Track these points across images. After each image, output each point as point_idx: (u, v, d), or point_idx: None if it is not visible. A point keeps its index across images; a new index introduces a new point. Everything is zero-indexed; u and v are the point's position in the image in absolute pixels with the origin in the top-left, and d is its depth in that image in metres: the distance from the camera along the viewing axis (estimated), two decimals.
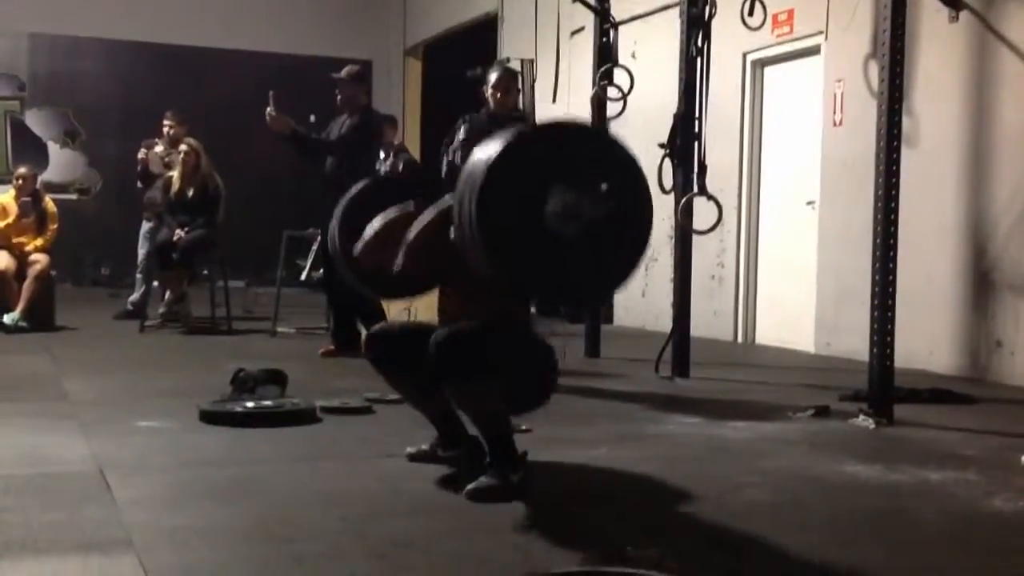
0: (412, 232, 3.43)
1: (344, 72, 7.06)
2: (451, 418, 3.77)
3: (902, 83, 5.00)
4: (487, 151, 2.97)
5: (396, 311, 7.55)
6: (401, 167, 9.76)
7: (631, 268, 3.18)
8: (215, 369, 5.84)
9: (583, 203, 2.98)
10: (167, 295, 8.71)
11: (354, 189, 4.15)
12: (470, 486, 3.37)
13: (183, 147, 8.59)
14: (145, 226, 9.28)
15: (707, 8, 6.08)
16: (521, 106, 6.10)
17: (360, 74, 7.18)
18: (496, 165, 2.92)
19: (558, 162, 3.02)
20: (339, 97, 7.05)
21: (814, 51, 7.80)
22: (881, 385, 4.83)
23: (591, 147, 3.20)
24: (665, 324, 6.30)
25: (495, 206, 2.92)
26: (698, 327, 6.83)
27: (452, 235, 3.15)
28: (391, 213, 3.63)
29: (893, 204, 4.87)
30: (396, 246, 3.46)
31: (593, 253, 3.05)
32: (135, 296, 9.12)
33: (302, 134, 7.04)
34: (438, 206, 3.44)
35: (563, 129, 3.22)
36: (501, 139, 3.00)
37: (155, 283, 8.90)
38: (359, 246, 3.64)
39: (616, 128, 5.69)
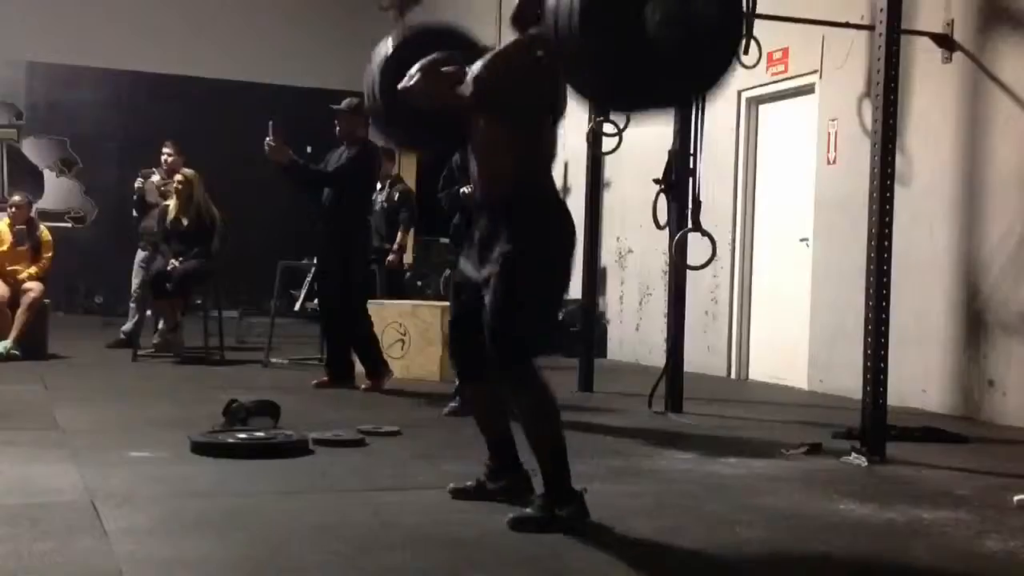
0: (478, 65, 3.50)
1: (343, 104, 7.11)
2: (508, 445, 3.75)
3: (895, 122, 5.04)
4: None
5: (390, 342, 7.57)
6: (396, 198, 9.81)
7: (722, 75, 3.38)
8: (208, 399, 5.83)
9: (685, 8, 3.16)
10: (160, 324, 8.70)
11: (390, 43, 4.24)
12: (512, 515, 3.38)
13: (178, 177, 8.61)
14: (140, 255, 9.28)
15: None
16: None
17: (359, 107, 7.21)
18: None
19: None
20: (338, 129, 7.09)
21: (809, 90, 7.85)
22: (874, 423, 4.84)
23: None
24: (659, 358, 6.31)
25: (595, 10, 3.07)
26: (692, 362, 6.84)
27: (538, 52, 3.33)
28: (439, 56, 3.67)
29: (886, 243, 4.89)
30: (443, 79, 3.54)
31: (688, 58, 3.23)
32: (128, 325, 9.10)
33: (301, 164, 7.07)
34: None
35: None
36: None
37: (149, 312, 8.89)
38: (406, 79, 3.64)
39: (612, 164, 5.73)
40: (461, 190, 5.82)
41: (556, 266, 3.55)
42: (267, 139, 6.79)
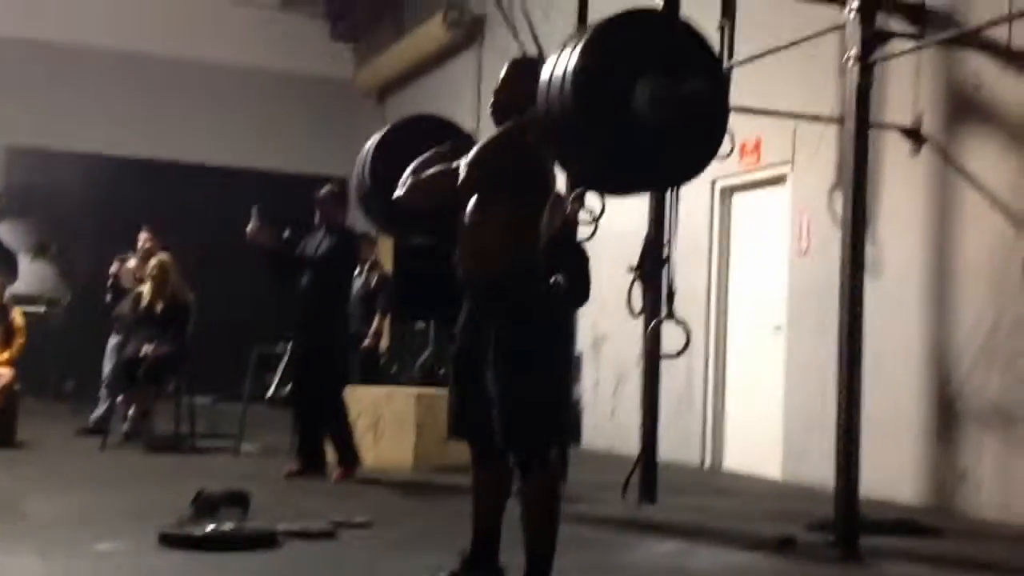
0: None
1: (323, 191, 7.18)
2: (496, 539, 3.70)
3: (865, 213, 5.11)
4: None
5: (363, 429, 7.50)
6: (374, 283, 9.82)
7: (708, 158, 3.46)
8: (177, 489, 5.73)
9: (674, 89, 3.22)
10: (131, 411, 8.60)
11: (385, 130, 4.29)
12: None
13: (153, 262, 8.60)
14: (113, 340, 9.22)
15: None
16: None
17: (338, 194, 7.28)
18: (591, 46, 3.19)
19: (648, 50, 3.30)
20: (317, 214, 7.11)
21: (781, 180, 7.96)
22: (847, 516, 4.81)
23: (678, 39, 3.47)
24: (633, 446, 6.28)
25: (587, 92, 3.17)
26: (666, 450, 6.81)
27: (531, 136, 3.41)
28: (431, 157, 3.76)
29: (857, 332, 4.93)
30: (435, 181, 3.63)
31: (676, 140, 3.31)
32: (99, 412, 9.00)
33: (285, 249, 7.07)
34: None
35: (652, 18, 3.39)
36: (585, 33, 3.27)
37: (119, 399, 8.79)
38: (403, 186, 3.72)
39: (588, 251, 5.80)
40: None
41: (558, 342, 3.56)
42: (251, 222, 6.78)
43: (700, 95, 3.28)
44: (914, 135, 6.69)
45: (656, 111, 3.23)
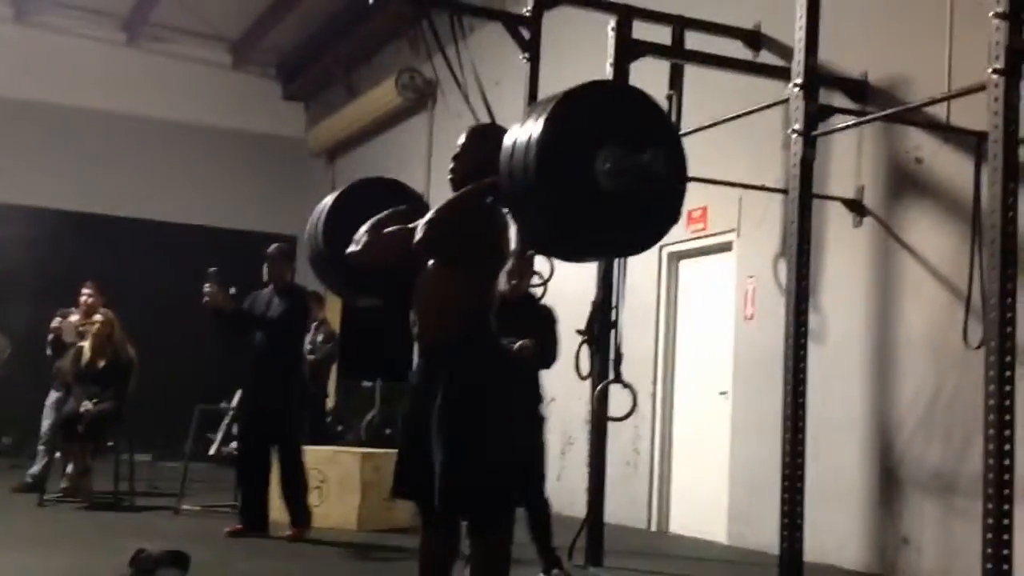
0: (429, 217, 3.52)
1: (273, 249, 7.21)
2: None
3: (808, 282, 5.23)
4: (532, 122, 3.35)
5: (312, 489, 7.42)
6: (319, 340, 9.80)
7: (667, 227, 3.57)
8: (115, 549, 5.63)
9: (634, 160, 3.33)
10: (69, 468, 8.44)
11: (339, 192, 4.32)
12: None
13: (97, 317, 8.50)
14: (52, 396, 9.06)
15: None
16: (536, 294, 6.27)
17: (288, 252, 7.33)
18: (554, 118, 3.30)
19: (609, 121, 3.42)
20: (266, 272, 7.13)
21: (727, 247, 8.08)
22: None
23: (638, 111, 3.58)
24: (580, 509, 6.29)
25: (551, 161, 3.27)
26: (613, 513, 6.81)
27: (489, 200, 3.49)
28: (388, 216, 3.76)
29: (801, 399, 5.01)
30: (389, 240, 3.64)
31: (635, 209, 3.42)
32: (36, 468, 8.81)
33: (243, 311, 7.03)
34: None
35: (612, 90, 3.43)
36: (549, 104, 3.38)
37: (58, 455, 8.63)
38: (357, 243, 3.72)
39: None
40: None
41: (511, 405, 3.55)
42: (207, 287, 6.74)
43: (659, 165, 3.38)
44: (856, 206, 6.85)
45: (616, 181, 3.32)
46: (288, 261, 7.24)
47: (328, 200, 4.31)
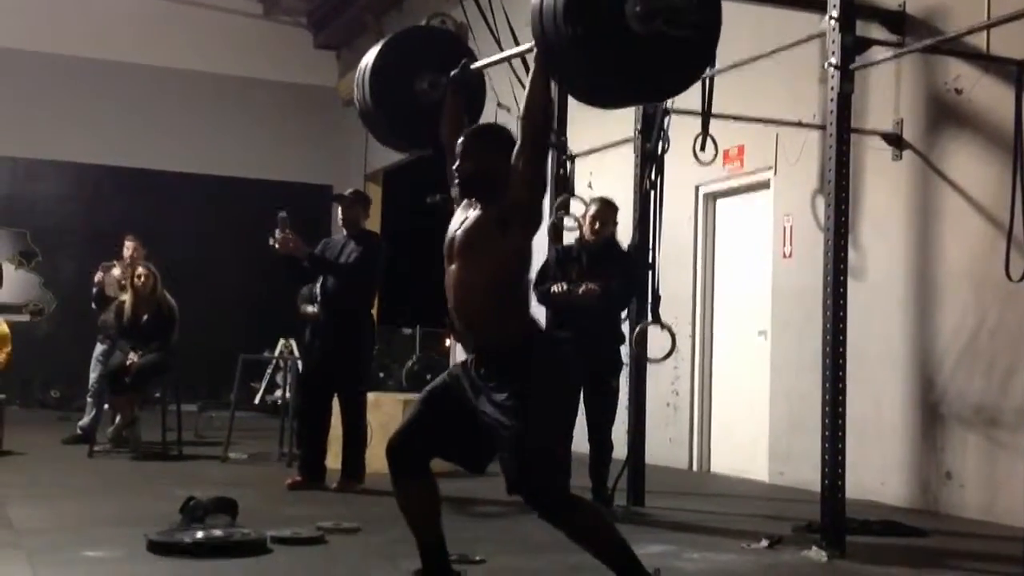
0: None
1: (347, 193, 7.13)
2: (441, 547, 3.70)
3: (847, 218, 5.16)
4: None
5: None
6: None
7: (699, 70, 3.72)
8: (165, 496, 5.75)
9: (665, 3, 3.42)
10: (117, 419, 8.59)
11: (381, 45, 4.52)
12: None
13: (140, 271, 8.59)
14: (98, 349, 9.21)
15: (660, 144, 6.26)
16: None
17: (361, 197, 7.24)
18: None
19: None
20: (341, 218, 7.02)
21: (764, 185, 8.02)
22: (832, 517, 4.85)
23: None
24: (621, 451, 6.32)
25: (582, 4, 3.38)
26: (653, 455, 6.84)
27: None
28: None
29: (841, 336, 4.97)
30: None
31: (668, 52, 3.49)
32: (85, 420, 8.98)
33: (317, 256, 6.85)
34: None
35: None
36: None
37: (106, 407, 8.79)
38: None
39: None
40: (552, 288, 5.94)
41: (562, 391, 3.60)
42: (277, 233, 6.54)
43: (690, 8, 3.44)
44: (895, 140, 6.76)
45: (648, 24, 3.38)
46: (362, 206, 7.09)
47: (372, 53, 4.44)
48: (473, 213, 3.63)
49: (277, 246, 6.56)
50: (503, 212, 3.56)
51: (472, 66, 4.28)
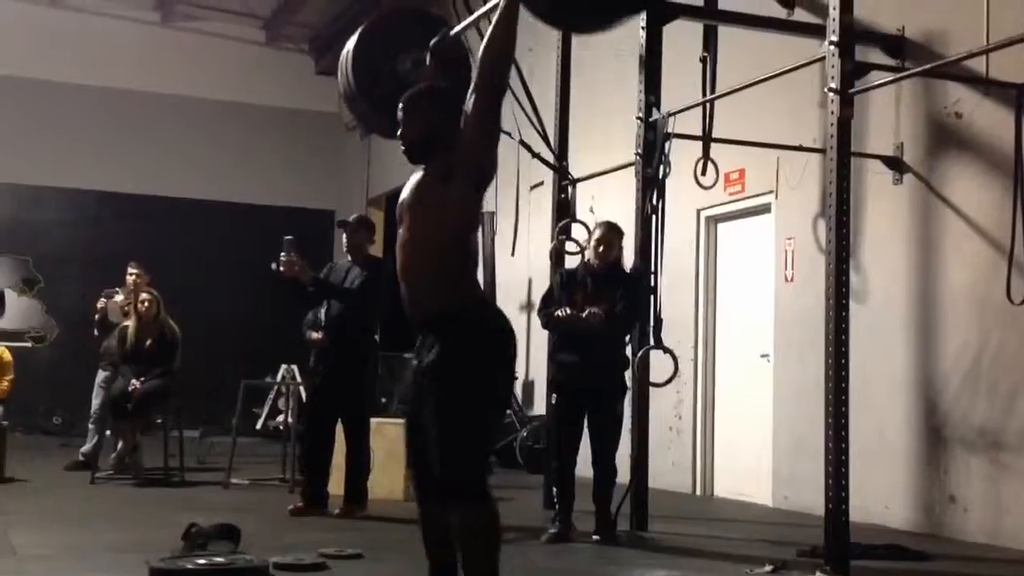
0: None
1: (352, 219, 7.14)
2: (451, 572, 3.61)
3: (849, 241, 5.17)
4: None
5: None
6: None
7: None
8: (167, 523, 5.73)
9: None
10: (120, 446, 8.58)
11: (361, 29, 4.43)
12: None
13: (143, 296, 8.60)
14: (101, 375, 9.20)
15: (661, 168, 6.28)
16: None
17: (368, 222, 7.25)
18: None
19: None
20: (345, 242, 7.01)
21: (765, 209, 8.03)
22: (836, 542, 4.84)
23: None
24: (624, 475, 6.30)
25: None
26: (657, 479, 6.84)
27: None
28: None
29: (843, 359, 4.98)
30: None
31: None
32: (87, 446, 8.97)
33: (322, 280, 6.85)
34: None
35: None
36: None
37: (108, 433, 8.77)
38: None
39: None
40: (556, 312, 5.95)
41: (490, 379, 3.48)
42: (282, 257, 6.52)
43: None
44: (895, 164, 6.78)
45: None
46: (367, 232, 7.10)
47: (353, 39, 4.45)
48: (420, 172, 3.59)
49: (282, 269, 6.55)
50: (448, 163, 3.47)
51: (451, 33, 4.21)
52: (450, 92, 3.67)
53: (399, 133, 3.61)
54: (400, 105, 3.61)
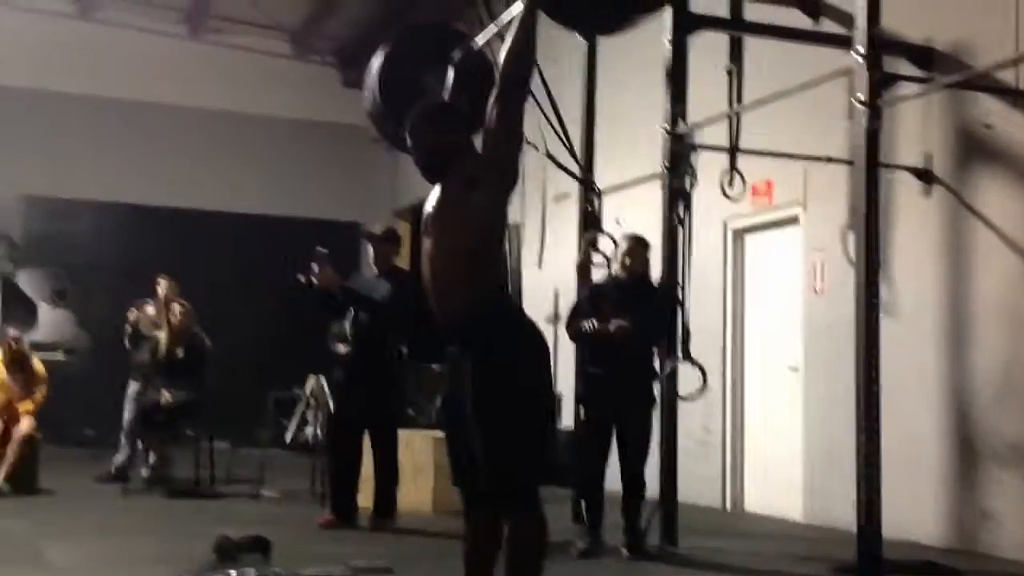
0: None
1: (379, 231, 7.16)
2: None
3: (878, 253, 5.16)
4: None
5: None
6: None
7: None
8: (198, 535, 5.77)
9: None
10: (151, 458, 8.64)
11: (388, 46, 4.41)
12: None
13: (176, 308, 8.66)
14: (132, 387, 9.27)
15: (688, 179, 6.28)
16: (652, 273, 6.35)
17: (394, 235, 7.28)
18: None
19: None
20: (372, 254, 7.02)
21: (793, 220, 8.00)
22: (870, 558, 4.81)
23: None
24: (653, 489, 6.28)
25: None
26: (686, 493, 6.80)
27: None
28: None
29: (874, 372, 4.96)
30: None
31: None
32: (119, 458, 9.04)
33: (352, 290, 6.88)
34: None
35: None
36: None
37: (140, 445, 8.84)
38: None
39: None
40: (584, 325, 5.97)
41: (537, 382, 3.48)
42: (314, 268, 6.57)
43: None
44: (925, 175, 6.74)
45: None
46: (394, 244, 7.12)
47: (379, 56, 4.47)
48: (442, 184, 3.61)
49: (316, 281, 6.58)
50: (472, 171, 3.50)
51: (474, 45, 4.23)
52: (449, 105, 3.72)
53: (413, 157, 3.64)
54: (406, 131, 3.65)
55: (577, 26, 3.98)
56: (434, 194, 3.65)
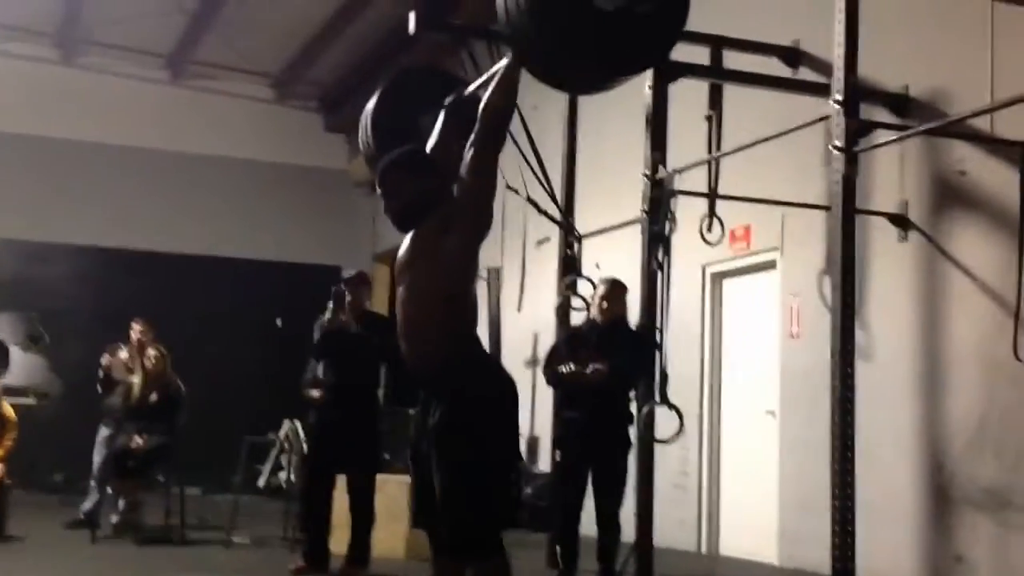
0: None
1: (352, 275, 7.21)
2: None
3: (854, 299, 5.16)
4: None
5: None
6: None
7: (668, 46, 3.83)
8: None
9: None
10: (120, 503, 8.51)
11: (381, 89, 4.57)
12: None
13: (151, 352, 8.59)
14: (103, 432, 9.14)
15: (667, 224, 6.30)
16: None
17: (367, 278, 7.32)
18: None
19: None
20: (348, 299, 6.94)
21: (771, 265, 8.03)
22: None
23: None
24: (629, 532, 6.23)
25: None
26: (662, 537, 6.76)
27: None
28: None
29: (849, 417, 4.94)
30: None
31: (634, 26, 3.59)
32: (88, 504, 8.90)
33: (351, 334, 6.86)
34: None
35: None
36: None
37: (109, 491, 8.71)
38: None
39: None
40: (560, 368, 5.95)
41: (498, 430, 3.49)
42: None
43: None
44: (901, 221, 6.78)
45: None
46: (367, 287, 7.18)
47: (373, 99, 4.51)
48: (415, 231, 3.62)
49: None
50: (444, 215, 3.52)
51: (467, 91, 4.29)
52: (418, 153, 3.72)
53: (384, 209, 3.65)
54: (377, 182, 3.66)
55: (562, 86, 4.03)
56: (407, 239, 3.66)
